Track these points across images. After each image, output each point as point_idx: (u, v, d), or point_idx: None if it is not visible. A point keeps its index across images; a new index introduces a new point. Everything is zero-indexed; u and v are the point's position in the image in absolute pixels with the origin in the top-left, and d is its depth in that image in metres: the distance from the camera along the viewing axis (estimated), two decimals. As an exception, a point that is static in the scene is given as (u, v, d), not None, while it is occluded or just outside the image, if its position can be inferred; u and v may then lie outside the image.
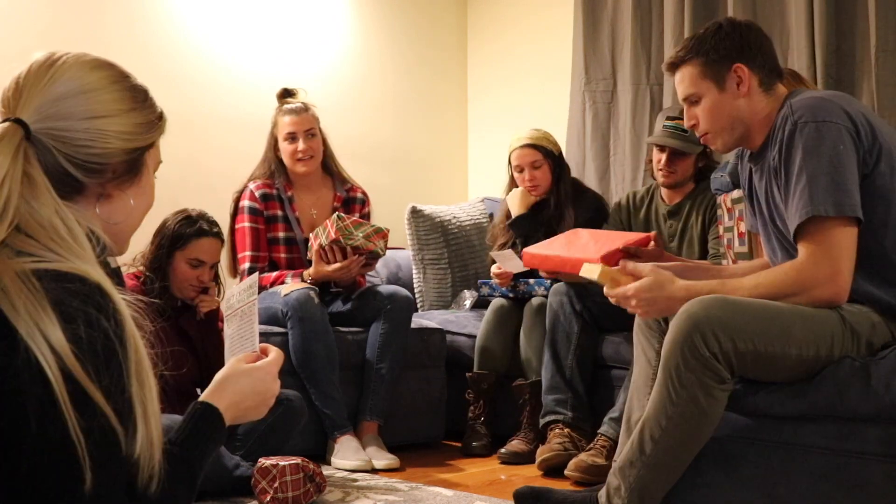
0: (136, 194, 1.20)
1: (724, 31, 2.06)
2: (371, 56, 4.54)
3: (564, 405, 3.03)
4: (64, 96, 1.11)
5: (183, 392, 2.66)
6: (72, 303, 0.96)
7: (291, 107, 3.32)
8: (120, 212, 1.19)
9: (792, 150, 1.93)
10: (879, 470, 1.85)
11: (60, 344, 0.94)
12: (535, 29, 4.63)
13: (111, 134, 1.12)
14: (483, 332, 3.40)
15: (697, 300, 1.88)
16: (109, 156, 1.13)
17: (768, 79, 2.07)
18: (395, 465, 2.95)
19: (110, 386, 0.97)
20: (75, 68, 1.13)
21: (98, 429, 0.95)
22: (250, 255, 3.25)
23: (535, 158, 3.44)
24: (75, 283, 0.98)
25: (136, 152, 1.17)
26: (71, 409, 0.93)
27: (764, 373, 1.92)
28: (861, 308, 1.95)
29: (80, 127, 1.10)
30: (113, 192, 1.17)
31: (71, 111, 1.10)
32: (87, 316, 0.97)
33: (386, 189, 4.22)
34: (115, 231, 1.20)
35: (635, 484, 1.93)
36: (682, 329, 1.84)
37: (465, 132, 4.93)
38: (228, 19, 4.00)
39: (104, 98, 1.13)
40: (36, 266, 0.98)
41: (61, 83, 1.11)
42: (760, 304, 1.89)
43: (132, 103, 1.16)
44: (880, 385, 1.83)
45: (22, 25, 3.41)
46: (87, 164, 1.11)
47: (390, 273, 4.03)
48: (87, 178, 1.12)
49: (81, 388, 0.94)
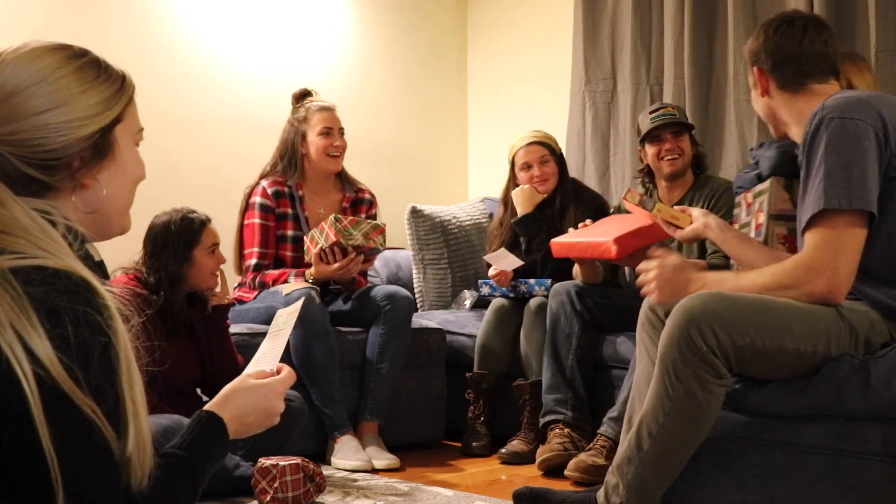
0: (110, 177, 1.14)
1: (762, 32, 2.13)
2: (371, 57, 4.54)
3: (564, 405, 3.03)
4: (5, 98, 1.05)
5: (183, 392, 2.66)
6: (58, 301, 0.92)
7: (325, 104, 3.38)
8: (94, 198, 1.13)
9: (815, 144, 1.91)
10: (879, 470, 1.85)
11: (45, 354, 0.90)
12: (534, 29, 4.63)
13: (61, 126, 1.07)
14: (483, 332, 3.40)
15: (696, 295, 1.89)
16: (66, 149, 1.08)
17: (794, 80, 2.08)
18: (395, 465, 2.95)
19: (102, 384, 0.94)
20: (13, 65, 1.07)
21: (82, 442, 0.92)
22: (258, 252, 3.26)
23: (543, 153, 3.46)
24: (60, 279, 0.94)
25: (97, 134, 1.11)
26: (46, 426, 0.89)
27: (761, 369, 1.92)
28: (860, 306, 1.95)
29: (27, 127, 1.05)
30: (86, 181, 1.11)
31: (15, 112, 1.05)
32: (76, 313, 0.93)
33: (386, 189, 4.22)
34: (100, 215, 1.15)
35: (633, 482, 1.93)
36: (679, 324, 1.85)
37: (465, 132, 4.93)
38: (229, 20, 4.00)
39: (46, 90, 1.07)
40: (15, 264, 0.93)
41: (1, 85, 1.06)
42: (758, 298, 1.89)
43: (80, 85, 1.10)
44: (880, 384, 1.83)
45: (22, 25, 3.41)
46: (45, 163, 1.07)
47: (390, 273, 4.04)
48: (48, 177, 1.07)
49: (67, 401, 0.90)
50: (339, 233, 3.05)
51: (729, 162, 3.80)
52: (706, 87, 3.89)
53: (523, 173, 3.47)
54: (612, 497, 1.95)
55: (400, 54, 4.66)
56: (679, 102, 3.81)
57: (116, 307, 0.98)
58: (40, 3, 3.46)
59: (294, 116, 3.39)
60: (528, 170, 3.46)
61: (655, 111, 3.23)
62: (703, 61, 3.88)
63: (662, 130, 3.19)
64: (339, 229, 3.06)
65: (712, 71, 3.89)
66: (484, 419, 3.34)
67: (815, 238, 1.88)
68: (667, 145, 3.19)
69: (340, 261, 3.11)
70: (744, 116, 3.75)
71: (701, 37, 3.88)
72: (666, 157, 3.19)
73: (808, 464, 1.92)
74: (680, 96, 3.89)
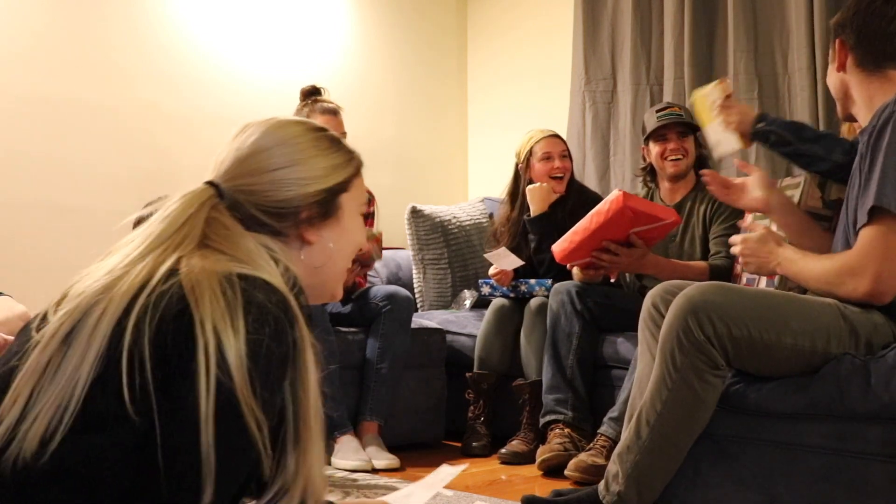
0: (334, 237, 1.29)
1: (854, 4, 2.06)
2: (371, 57, 4.54)
3: (565, 405, 3.03)
4: (249, 156, 1.25)
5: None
6: (266, 307, 1.05)
7: (330, 106, 3.34)
8: (319, 255, 1.28)
9: (881, 139, 1.89)
10: (879, 470, 1.85)
11: (237, 356, 1.01)
12: (535, 29, 4.63)
13: (292, 181, 1.24)
14: (483, 331, 3.39)
15: (697, 285, 1.91)
16: (294, 200, 1.24)
17: (874, 60, 2.03)
18: (395, 465, 2.95)
19: (272, 400, 1.04)
20: (260, 130, 1.27)
21: (237, 451, 1.01)
22: None
23: (563, 148, 3.47)
24: (272, 291, 1.08)
25: (323, 194, 1.26)
26: (212, 425, 0.98)
27: (760, 363, 1.92)
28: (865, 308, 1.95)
29: (264, 180, 1.23)
30: (310, 237, 1.26)
31: (256, 167, 1.24)
32: (278, 323, 1.05)
33: (386, 189, 4.22)
34: (319, 275, 1.29)
35: (632, 470, 1.93)
36: (679, 313, 1.87)
37: (465, 132, 4.93)
38: (229, 20, 4.01)
39: (284, 151, 1.25)
40: (242, 271, 1.08)
41: (248, 145, 1.25)
42: (759, 291, 1.91)
43: (315, 151, 1.27)
44: (880, 384, 1.83)
45: (22, 25, 3.41)
46: (274, 209, 1.23)
47: (390, 273, 4.04)
48: (276, 221, 1.23)
49: (237, 409, 1.00)
50: None
51: (729, 161, 3.80)
52: (706, 88, 3.89)
53: (542, 164, 3.41)
54: (612, 485, 1.96)
55: (400, 54, 4.66)
56: (679, 102, 3.81)
57: (311, 341, 1.11)
58: (40, 3, 3.46)
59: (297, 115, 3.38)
60: (549, 161, 3.40)
61: (662, 110, 3.22)
62: (703, 61, 3.88)
63: (668, 130, 3.19)
64: None
65: (712, 71, 3.89)
66: (484, 419, 3.34)
67: (865, 238, 1.88)
68: (671, 145, 3.19)
69: None
70: (744, 116, 3.75)
71: (701, 37, 3.88)
72: (670, 157, 3.19)
73: (808, 463, 1.92)
74: (680, 96, 3.88)
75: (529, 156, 3.46)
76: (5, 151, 3.36)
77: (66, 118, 3.50)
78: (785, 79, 3.71)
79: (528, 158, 3.46)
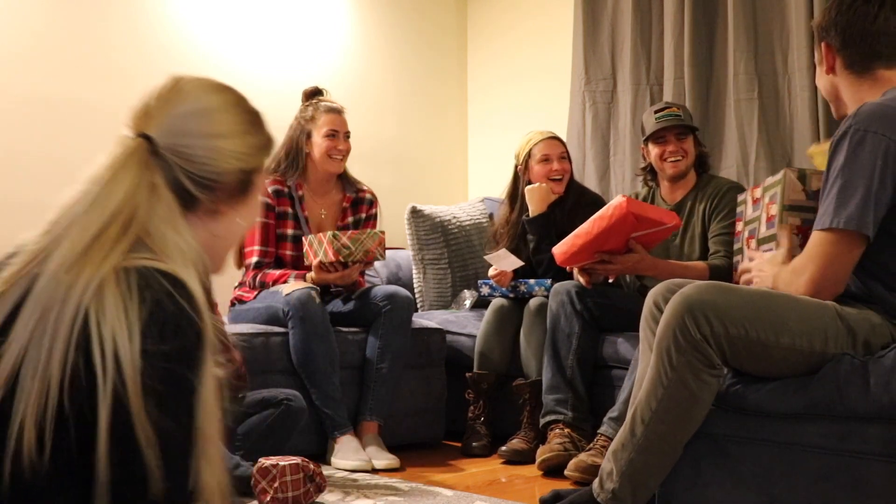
0: (243, 214, 1.25)
1: (835, 6, 2.06)
2: (371, 57, 4.54)
3: (565, 405, 3.03)
4: (187, 115, 1.17)
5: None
6: (166, 308, 1.01)
7: (334, 105, 3.38)
8: (224, 227, 1.24)
9: (836, 155, 1.91)
10: (879, 470, 1.85)
11: (130, 358, 0.98)
12: (535, 29, 4.63)
13: (228, 153, 1.18)
14: (483, 331, 3.39)
15: (695, 284, 1.92)
16: (224, 174, 1.19)
17: (862, 62, 2.03)
18: (395, 465, 2.95)
19: (176, 410, 1.01)
20: (198, 90, 1.20)
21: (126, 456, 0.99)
22: (259, 250, 3.27)
23: (562, 150, 3.47)
24: (179, 286, 1.03)
25: (248, 173, 1.22)
26: (107, 427, 0.97)
27: (757, 363, 1.92)
28: (862, 308, 1.95)
29: (200, 144, 1.16)
30: (223, 209, 1.22)
31: (193, 129, 1.16)
32: (177, 325, 1.01)
33: (386, 189, 4.22)
34: (215, 246, 1.25)
35: (626, 468, 1.93)
36: (676, 312, 1.87)
37: (465, 132, 4.93)
38: (229, 20, 4.01)
39: (223, 118, 1.19)
40: (144, 263, 1.03)
41: (185, 103, 1.17)
42: (757, 291, 1.91)
43: (248, 125, 1.22)
44: (880, 384, 1.83)
45: (22, 25, 3.41)
46: (203, 181, 1.17)
47: (390, 273, 4.04)
48: (200, 194, 1.17)
49: (129, 415, 0.97)
50: (338, 251, 3.06)
51: (729, 162, 3.80)
52: (706, 87, 3.89)
53: (541, 166, 3.42)
54: (606, 483, 1.96)
55: (400, 54, 4.66)
56: (678, 102, 3.81)
57: (211, 340, 1.06)
58: (40, 3, 3.46)
59: (301, 115, 3.38)
60: (547, 163, 3.42)
61: (660, 111, 3.22)
62: (703, 61, 3.89)
63: (667, 132, 3.18)
64: (338, 248, 3.06)
65: (712, 71, 3.89)
66: (484, 419, 3.34)
67: (812, 242, 1.92)
68: (670, 147, 3.18)
69: (341, 270, 3.14)
70: (744, 116, 3.75)
71: (701, 37, 3.88)
72: (669, 158, 3.19)
73: (808, 464, 1.92)
74: (680, 96, 3.89)
75: (528, 157, 3.47)
76: (5, 151, 3.36)
77: (66, 118, 3.50)
78: (785, 79, 3.71)
79: (527, 160, 3.47)
